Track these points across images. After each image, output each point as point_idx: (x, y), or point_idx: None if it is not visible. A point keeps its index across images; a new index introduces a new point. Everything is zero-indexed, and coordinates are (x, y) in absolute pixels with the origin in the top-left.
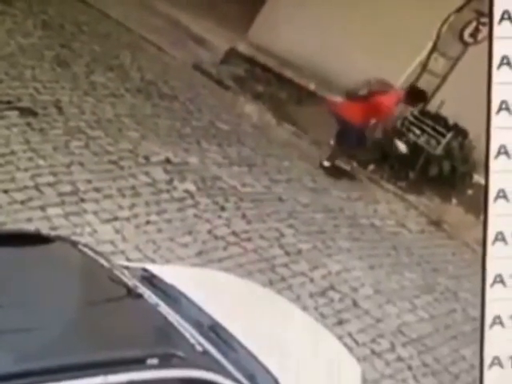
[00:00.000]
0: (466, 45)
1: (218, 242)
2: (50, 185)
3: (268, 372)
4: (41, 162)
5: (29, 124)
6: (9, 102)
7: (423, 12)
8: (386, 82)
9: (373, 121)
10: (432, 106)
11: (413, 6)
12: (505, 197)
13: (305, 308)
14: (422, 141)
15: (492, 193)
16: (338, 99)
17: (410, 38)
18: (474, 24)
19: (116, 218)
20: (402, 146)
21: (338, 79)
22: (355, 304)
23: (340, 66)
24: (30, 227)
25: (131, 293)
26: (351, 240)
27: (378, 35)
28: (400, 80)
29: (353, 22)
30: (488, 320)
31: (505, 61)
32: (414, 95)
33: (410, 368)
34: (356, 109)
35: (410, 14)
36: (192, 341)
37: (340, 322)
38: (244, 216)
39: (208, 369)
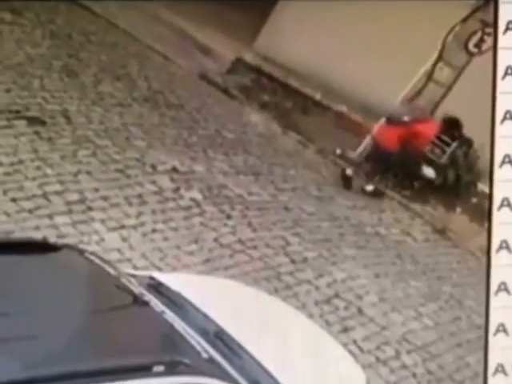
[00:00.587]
0: (470, 55)
1: (223, 249)
2: (57, 193)
3: (273, 379)
4: (48, 170)
5: (37, 133)
6: (17, 112)
7: (429, 22)
8: (423, 108)
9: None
10: (437, 116)
11: (418, 17)
12: (509, 205)
13: (310, 315)
14: (426, 150)
15: (496, 201)
16: (379, 124)
17: (415, 47)
18: (479, 34)
19: (123, 227)
20: (429, 172)
21: (343, 89)
22: (360, 312)
23: (346, 75)
24: (38, 235)
25: (138, 300)
26: (356, 248)
27: (384, 45)
28: (406, 89)
29: (359, 32)
30: (492, 328)
31: (509, 71)
32: (450, 124)
33: (414, 375)
34: (394, 134)
35: (415, 24)
36: (198, 348)
37: (345, 330)
38: (250, 224)
39: (214, 376)
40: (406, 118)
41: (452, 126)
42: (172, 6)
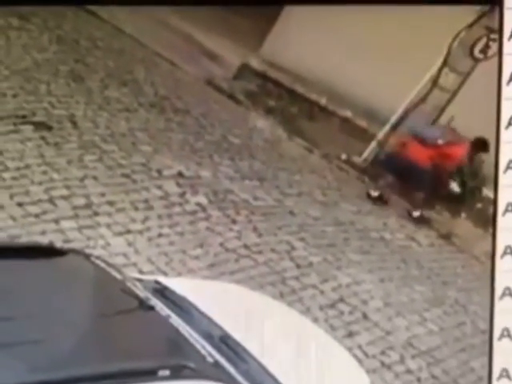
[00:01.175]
0: (476, 60)
1: (229, 254)
2: (63, 198)
3: (278, 383)
4: (55, 175)
5: (43, 138)
6: (24, 117)
7: (434, 28)
8: (456, 130)
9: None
10: (442, 121)
11: (424, 23)
12: None
13: (315, 320)
14: None
15: (501, 207)
16: (411, 143)
17: (420, 53)
18: (484, 40)
19: (129, 231)
20: (455, 187)
21: (348, 94)
22: (365, 316)
23: (351, 81)
24: (44, 240)
25: (143, 305)
26: (361, 253)
27: (389, 51)
28: (411, 95)
29: (364, 38)
30: (497, 332)
31: None
32: (478, 145)
33: (419, 380)
34: (426, 154)
35: (420, 30)
36: (203, 352)
37: (350, 334)
38: (255, 229)
39: (219, 380)
40: (440, 142)
41: (480, 147)
42: (179, 12)
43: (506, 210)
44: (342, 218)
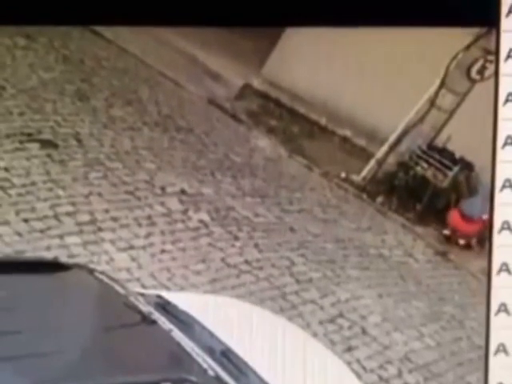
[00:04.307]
0: (473, 81)
1: (230, 270)
2: (68, 214)
3: None
4: (60, 192)
5: (49, 156)
6: (30, 135)
7: (432, 50)
8: None
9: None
10: (439, 141)
11: (422, 45)
12: (509, 228)
13: (314, 335)
14: (429, 174)
15: (497, 224)
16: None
17: (418, 75)
18: (481, 61)
19: (132, 247)
20: None
21: (348, 114)
22: (364, 331)
23: (350, 101)
24: (49, 255)
25: (146, 319)
26: (360, 269)
27: (388, 72)
28: (409, 115)
29: (363, 60)
30: (492, 347)
31: (510, 97)
32: None
33: None
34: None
35: (418, 52)
36: (204, 366)
37: (349, 349)
38: (256, 245)
39: None
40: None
41: None
42: (182, 33)
43: (502, 228)
44: (342, 235)
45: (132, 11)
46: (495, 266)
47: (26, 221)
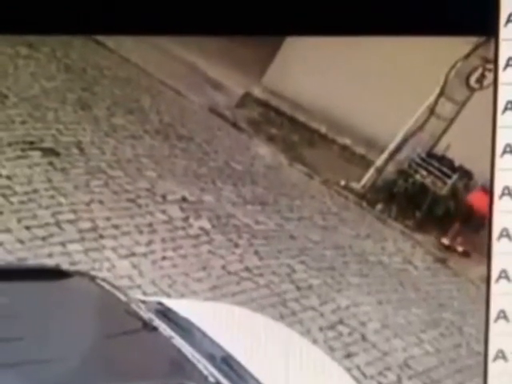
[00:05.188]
0: (472, 90)
1: (231, 277)
2: (70, 222)
3: None
4: (62, 200)
5: (51, 163)
6: (32, 143)
7: (431, 59)
8: None
9: None
10: (439, 149)
11: (421, 54)
12: (508, 235)
13: (314, 341)
14: (428, 182)
15: (496, 232)
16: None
17: (418, 83)
18: (480, 70)
19: (133, 254)
20: None
21: (347, 123)
22: (363, 338)
23: (350, 110)
24: (51, 262)
25: (147, 326)
26: (360, 276)
27: (388, 81)
28: (409, 123)
29: (363, 69)
30: (491, 354)
31: (509, 106)
32: None
33: None
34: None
35: (418, 61)
36: (205, 372)
37: (348, 355)
38: (257, 252)
39: None
40: None
41: None
42: (184, 42)
43: (501, 235)
44: (342, 242)
45: (134, 21)
46: (494, 273)
47: (27, 228)
